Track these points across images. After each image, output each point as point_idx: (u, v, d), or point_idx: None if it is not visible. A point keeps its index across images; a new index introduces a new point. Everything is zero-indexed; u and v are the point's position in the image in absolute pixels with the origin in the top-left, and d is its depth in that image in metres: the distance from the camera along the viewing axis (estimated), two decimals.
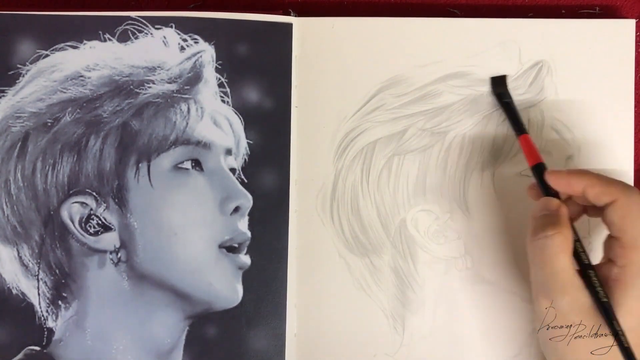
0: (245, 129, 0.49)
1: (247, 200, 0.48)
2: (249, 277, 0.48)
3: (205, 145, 0.47)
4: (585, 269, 0.40)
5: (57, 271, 0.46)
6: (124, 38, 0.48)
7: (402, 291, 0.49)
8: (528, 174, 0.49)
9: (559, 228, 0.40)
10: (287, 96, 0.49)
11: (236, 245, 0.47)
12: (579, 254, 0.41)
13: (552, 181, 0.43)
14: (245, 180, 0.48)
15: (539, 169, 0.44)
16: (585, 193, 0.41)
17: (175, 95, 0.47)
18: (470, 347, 0.49)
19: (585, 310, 0.39)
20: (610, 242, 0.41)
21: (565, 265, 0.40)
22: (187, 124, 0.47)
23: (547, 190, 0.44)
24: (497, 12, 0.52)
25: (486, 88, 0.50)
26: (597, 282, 0.39)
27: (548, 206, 0.42)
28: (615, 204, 0.40)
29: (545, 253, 0.40)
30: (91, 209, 0.46)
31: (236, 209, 0.47)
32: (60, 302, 0.47)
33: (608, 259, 0.41)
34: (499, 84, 0.49)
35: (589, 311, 0.39)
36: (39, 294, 0.47)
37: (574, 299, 0.39)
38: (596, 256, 0.43)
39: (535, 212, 0.42)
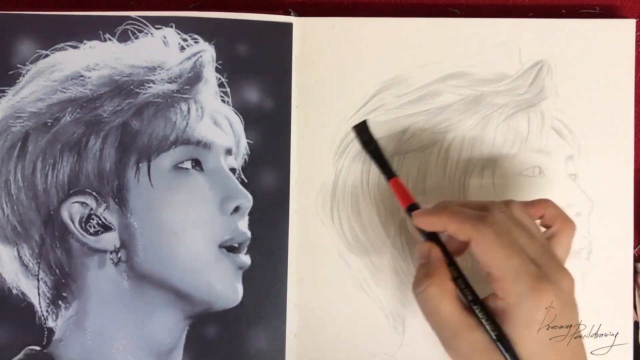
0: (245, 129, 0.49)
1: (247, 200, 0.48)
2: (249, 277, 0.48)
3: (205, 145, 0.47)
4: (471, 306, 0.40)
5: (57, 271, 0.46)
6: (124, 38, 0.48)
7: (402, 291, 0.49)
8: (528, 174, 0.49)
9: (432, 277, 0.40)
10: (287, 96, 0.49)
11: (236, 245, 0.47)
12: (462, 292, 0.40)
13: (417, 222, 0.42)
14: (245, 180, 0.48)
15: (411, 210, 0.44)
16: (447, 232, 0.40)
17: (175, 95, 0.47)
18: None
19: (485, 347, 0.38)
20: (487, 276, 0.39)
21: (449, 311, 0.39)
22: (187, 123, 0.47)
23: (425, 232, 0.43)
24: (497, 12, 0.52)
25: (486, 88, 0.50)
26: (484, 317, 0.38)
27: (421, 253, 0.42)
28: (472, 242, 0.39)
29: (428, 306, 0.40)
30: (91, 209, 0.46)
31: (236, 209, 0.47)
32: (60, 302, 0.47)
33: (493, 292, 0.39)
34: (362, 131, 0.48)
35: (489, 347, 0.38)
36: (39, 294, 0.47)
37: (470, 340, 0.38)
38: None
39: (416, 262, 0.42)
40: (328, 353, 0.49)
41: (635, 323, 0.49)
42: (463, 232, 0.39)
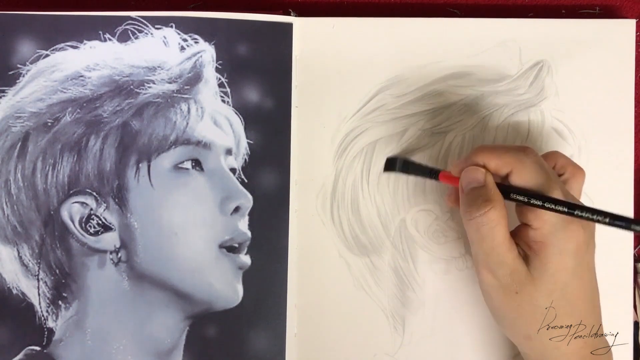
0: (245, 129, 0.49)
1: (247, 200, 0.48)
2: (249, 277, 0.48)
3: (205, 145, 0.47)
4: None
5: (57, 271, 0.46)
6: (124, 38, 0.48)
7: (402, 291, 0.49)
8: None
9: (492, 202, 0.40)
10: (287, 96, 0.49)
11: (236, 245, 0.47)
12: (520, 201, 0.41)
13: (460, 168, 0.43)
14: (246, 180, 0.48)
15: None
16: (488, 169, 0.41)
17: (175, 95, 0.47)
18: (470, 347, 0.49)
19: (525, 277, 0.40)
20: (520, 207, 0.41)
21: (503, 236, 0.40)
22: (187, 124, 0.47)
23: None
24: (497, 12, 0.52)
25: (486, 88, 0.50)
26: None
27: (473, 177, 0.42)
28: (513, 173, 0.41)
29: (483, 230, 0.40)
30: (91, 209, 0.46)
31: (236, 209, 0.47)
32: (60, 302, 0.47)
33: (523, 224, 0.41)
34: (392, 164, 0.48)
35: (527, 277, 0.40)
36: (39, 294, 0.47)
37: (513, 269, 0.40)
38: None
39: (463, 187, 0.42)
40: (328, 353, 0.49)
41: (635, 323, 0.49)
42: (505, 163, 0.41)
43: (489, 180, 0.41)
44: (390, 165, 0.48)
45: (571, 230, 0.39)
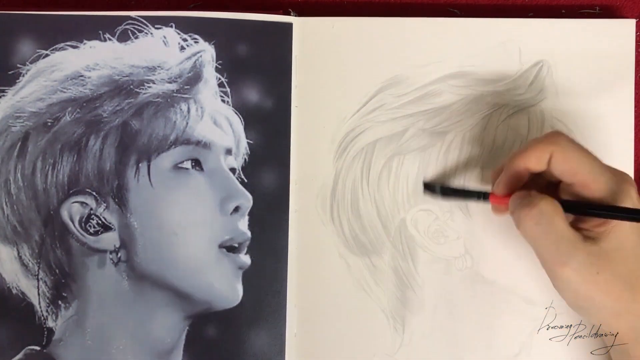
0: (245, 128, 0.49)
1: (247, 200, 0.48)
2: (249, 277, 0.48)
3: (205, 145, 0.47)
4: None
5: (57, 271, 0.46)
6: (124, 38, 0.48)
7: (402, 291, 0.49)
8: None
9: (541, 197, 0.41)
10: (287, 96, 0.49)
11: (236, 245, 0.47)
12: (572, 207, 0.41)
13: (499, 189, 0.44)
14: (245, 180, 0.48)
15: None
16: (530, 169, 0.42)
17: (175, 95, 0.47)
18: (470, 347, 0.49)
19: (601, 257, 0.40)
20: (569, 192, 0.42)
21: (565, 225, 0.40)
22: (187, 123, 0.47)
23: None
24: (497, 12, 0.52)
25: (486, 88, 0.50)
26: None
27: (519, 196, 0.42)
28: (553, 157, 0.41)
29: (542, 223, 0.40)
30: (91, 209, 0.46)
31: (236, 209, 0.47)
32: (60, 302, 0.47)
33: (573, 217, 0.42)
34: (431, 188, 0.49)
35: (604, 257, 0.40)
36: (39, 294, 0.47)
37: (587, 252, 0.40)
38: None
39: (512, 207, 0.42)
40: (328, 353, 0.49)
41: None
42: (542, 151, 0.41)
43: (533, 192, 0.42)
44: (429, 188, 0.49)
45: (628, 189, 0.40)
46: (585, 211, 0.41)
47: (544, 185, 0.44)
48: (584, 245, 0.40)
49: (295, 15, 0.50)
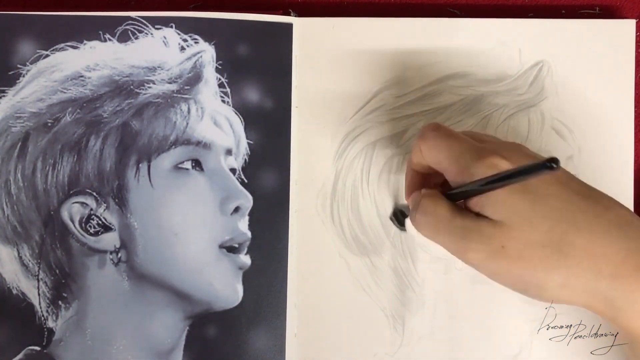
0: (245, 129, 0.49)
1: (247, 201, 0.48)
2: (249, 277, 0.48)
3: (205, 146, 0.47)
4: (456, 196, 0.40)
5: (57, 271, 0.46)
6: (124, 38, 0.48)
7: (402, 291, 0.49)
8: None
9: (420, 195, 0.40)
10: (287, 96, 0.49)
11: (236, 245, 0.47)
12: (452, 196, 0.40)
13: (407, 191, 0.45)
14: (246, 180, 0.48)
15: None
16: (415, 166, 0.43)
17: (175, 95, 0.47)
18: (470, 347, 0.49)
19: (498, 229, 0.37)
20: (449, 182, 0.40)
21: (449, 208, 0.38)
22: (187, 124, 0.47)
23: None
24: (497, 12, 0.52)
25: (486, 88, 0.50)
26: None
27: (411, 199, 0.43)
28: (422, 149, 0.40)
29: (429, 218, 0.39)
30: (91, 209, 0.46)
31: (236, 209, 0.47)
32: (60, 302, 0.47)
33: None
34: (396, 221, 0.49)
35: (500, 226, 0.37)
36: (39, 294, 0.47)
37: (482, 228, 0.37)
38: None
39: (412, 218, 0.42)
40: (328, 353, 0.49)
41: None
42: (415, 146, 0.41)
43: (407, 183, 0.43)
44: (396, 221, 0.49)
45: (483, 160, 0.37)
46: (456, 195, 0.39)
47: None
48: (476, 222, 0.37)
49: (296, 16, 0.50)
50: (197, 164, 0.47)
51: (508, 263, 0.36)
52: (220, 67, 0.49)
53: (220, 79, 0.48)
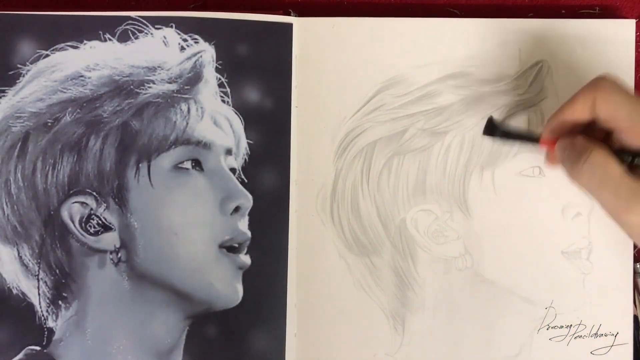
0: (245, 129, 0.49)
1: (247, 200, 0.48)
2: (249, 277, 0.48)
3: (205, 145, 0.47)
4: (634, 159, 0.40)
5: (57, 271, 0.46)
6: (124, 38, 0.48)
7: (402, 291, 0.49)
8: (528, 174, 0.49)
9: (590, 146, 0.40)
10: (287, 96, 0.49)
11: (236, 245, 0.47)
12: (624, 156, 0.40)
13: (546, 134, 0.43)
14: (245, 180, 0.48)
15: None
16: (575, 117, 0.41)
17: (175, 95, 0.47)
18: (470, 347, 0.49)
19: None
20: (618, 140, 0.40)
21: (620, 172, 0.39)
22: (187, 124, 0.47)
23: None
24: (497, 12, 0.52)
25: (486, 88, 0.50)
26: None
27: (564, 143, 0.42)
28: (596, 102, 0.40)
29: (596, 175, 0.39)
30: (91, 209, 0.46)
31: (236, 209, 0.47)
32: (60, 302, 0.47)
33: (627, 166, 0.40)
34: (491, 129, 0.47)
35: None
36: (39, 294, 0.47)
37: None
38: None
39: (561, 157, 0.42)
40: (328, 353, 0.49)
41: (635, 317, 0.49)
42: (585, 97, 0.40)
43: (579, 137, 0.41)
44: (489, 130, 0.47)
45: None
46: (627, 156, 0.39)
47: (601, 137, 0.43)
48: None
49: (296, 16, 0.50)
50: (197, 164, 0.47)
51: None
52: (220, 67, 0.49)
53: (220, 79, 0.48)
